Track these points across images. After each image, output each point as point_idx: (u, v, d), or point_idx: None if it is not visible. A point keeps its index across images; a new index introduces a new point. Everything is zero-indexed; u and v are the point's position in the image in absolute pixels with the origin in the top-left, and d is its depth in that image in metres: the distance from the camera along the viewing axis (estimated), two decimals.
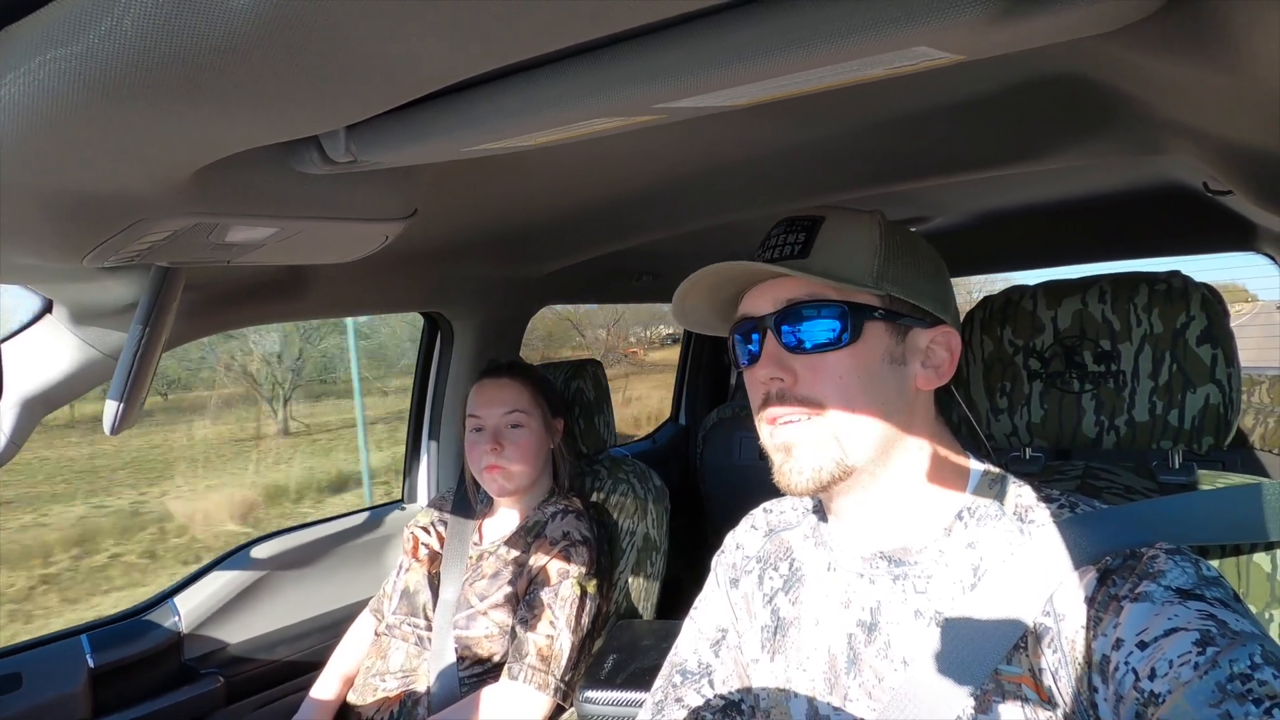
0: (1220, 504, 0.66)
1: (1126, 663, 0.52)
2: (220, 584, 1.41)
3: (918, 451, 0.68)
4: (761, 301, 0.67)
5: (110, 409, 0.83)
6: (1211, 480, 0.75)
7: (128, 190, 0.58)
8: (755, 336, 0.67)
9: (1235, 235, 1.76)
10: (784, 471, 0.66)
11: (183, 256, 0.79)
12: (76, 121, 0.42)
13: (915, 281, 0.67)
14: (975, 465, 0.70)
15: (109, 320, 1.00)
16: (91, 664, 1.21)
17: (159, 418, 9.05)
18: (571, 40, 0.40)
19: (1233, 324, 0.76)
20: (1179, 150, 0.85)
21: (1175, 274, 0.78)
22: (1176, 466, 0.77)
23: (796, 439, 0.65)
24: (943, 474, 0.68)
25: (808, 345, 0.64)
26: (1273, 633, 0.68)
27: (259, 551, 1.49)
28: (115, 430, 0.84)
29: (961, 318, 0.78)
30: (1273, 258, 1.87)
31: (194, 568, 1.46)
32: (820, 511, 0.78)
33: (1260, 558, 0.69)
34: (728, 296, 0.72)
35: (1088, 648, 0.56)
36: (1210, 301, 0.75)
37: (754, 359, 0.67)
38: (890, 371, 0.65)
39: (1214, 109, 0.61)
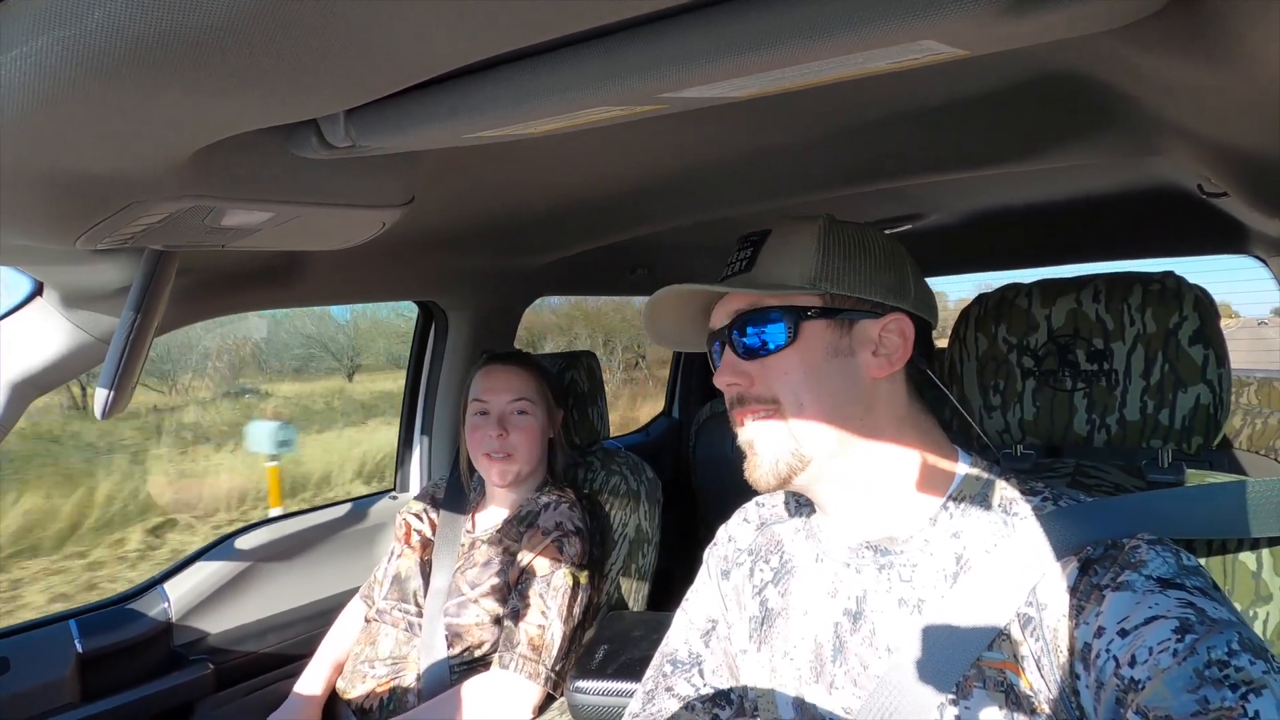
0: (1203, 499, 0.67)
1: (1107, 650, 0.53)
2: (210, 571, 1.40)
3: (891, 442, 0.69)
4: (720, 315, 0.73)
5: (101, 395, 0.82)
6: (1200, 479, 0.76)
7: (123, 171, 0.57)
8: (717, 346, 0.74)
9: (1227, 238, 1.76)
10: (749, 469, 0.71)
11: (177, 240, 0.78)
12: (74, 101, 0.42)
13: (860, 275, 0.70)
14: (963, 462, 0.71)
15: (101, 304, 0.99)
16: (80, 649, 1.21)
17: None
18: (577, 26, 0.40)
19: None
20: (1176, 151, 0.86)
21: (1169, 274, 0.78)
22: (1166, 465, 0.78)
23: (756, 434, 0.70)
24: (925, 466, 0.69)
25: (758, 350, 0.69)
26: (1258, 631, 0.69)
27: (249, 540, 1.49)
28: (106, 415, 0.83)
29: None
30: (1264, 260, 1.89)
31: None
32: (811, 505, 0.78)
33: (1246, 556, 0.70)
34: (696, 311, 0.78)
35: (1070, 636, 0.57)
36: (1203, 303, 0.76)
37: (718, 367, 0.73)
38: (836, 365, 0.68)
39: (1212, 110, 0.62)
